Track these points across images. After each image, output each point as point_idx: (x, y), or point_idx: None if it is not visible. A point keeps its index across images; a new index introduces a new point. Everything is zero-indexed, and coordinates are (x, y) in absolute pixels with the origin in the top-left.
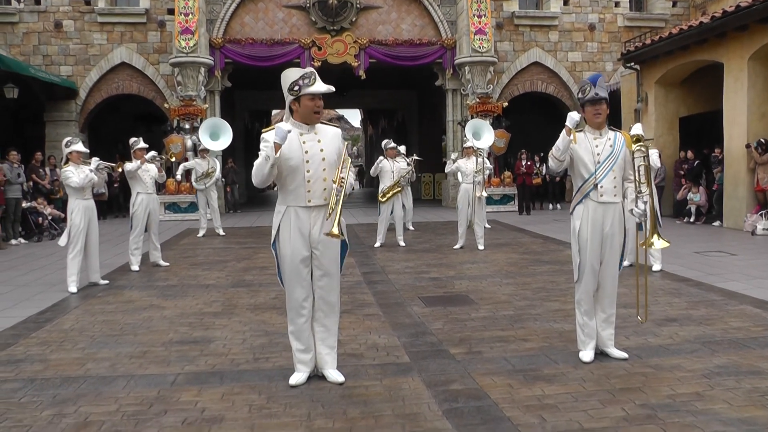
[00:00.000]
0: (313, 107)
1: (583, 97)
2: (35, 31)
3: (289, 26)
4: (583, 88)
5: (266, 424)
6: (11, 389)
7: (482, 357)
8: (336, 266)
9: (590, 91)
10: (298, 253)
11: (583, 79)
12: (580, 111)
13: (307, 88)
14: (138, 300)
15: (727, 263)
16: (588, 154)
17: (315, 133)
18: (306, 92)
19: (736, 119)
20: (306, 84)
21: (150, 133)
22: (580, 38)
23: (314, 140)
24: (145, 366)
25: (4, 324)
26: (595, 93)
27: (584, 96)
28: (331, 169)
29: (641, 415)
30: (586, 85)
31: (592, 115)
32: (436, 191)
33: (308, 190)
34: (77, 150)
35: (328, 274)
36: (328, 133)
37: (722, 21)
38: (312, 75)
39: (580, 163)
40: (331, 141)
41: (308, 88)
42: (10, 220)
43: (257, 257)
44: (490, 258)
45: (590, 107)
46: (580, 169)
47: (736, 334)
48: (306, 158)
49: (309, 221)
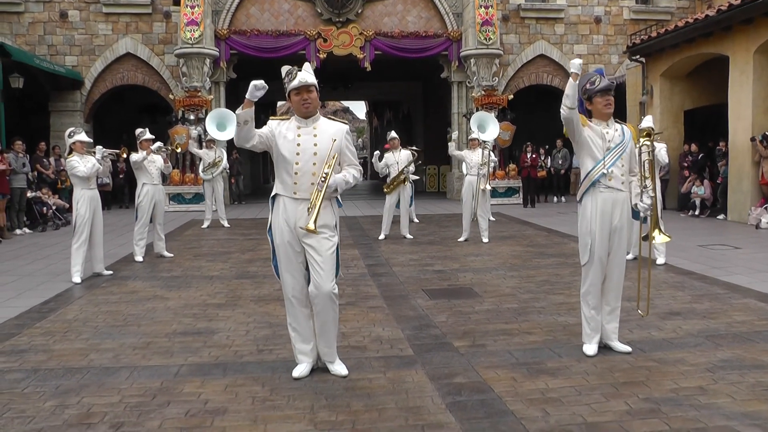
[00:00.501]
0: (300, 101)
1: (592, 88)
2: (41, 21)
3: (294, 18)
4: (591, 80)
5: (269, 416)
6: (15, 379)
7: (486, 350)
8: (328, 258)
9: (600, 81)
10: (288, 242)
11: (588, 72)
12: (587, 104)
13: (290, 83)
14: (142, 291)
15: (731, 257)
16: (599, 138)
17: (313, 128)
18: (289, 88)
19: (742, 112)
20: (288, 80)
21: (155, 124)
22: (585, 31)
23: (310, 134)
24: (149, 357)
25: (8, 314)
26: (610, 81)
27: (594, 87)
28: (324, 164)
29: (644, 409)
30: (594, 77)
31: (603, 105)
32: (440, 183)
33: (295, 182)
34: (80, 140)
35: (320, 266)
36: (330, 129)
37: (728, 14)
38: (292, 71)
39: (591, 143)
40: (329, 137)
41: (291, 83)
42: (14, 209)
43: (261, 248)
44: (495, 251)
45: (601, 98)
46: (590, 152)
47: (740, 327)
48: (297, 151)
49: (296, 213)
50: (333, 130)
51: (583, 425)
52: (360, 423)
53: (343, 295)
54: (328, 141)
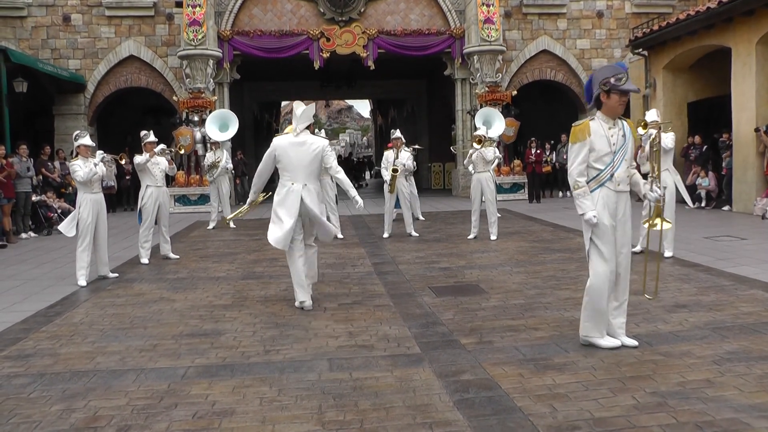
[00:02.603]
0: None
1: (617, 84)
2: (44, 25)
3: (297, 17)
4: (618, 76)
5: (277, 416)
6: (21, 384)
7: (493, 347)
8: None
9: (626, 81)
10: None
11: (614, 64)
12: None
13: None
14: (148, 293)
15: (737, 248)
16: (605, 145)
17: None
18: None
19: (745, 104)
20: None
21: (159, 126)
22: (588, 25)
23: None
24: (156, 359)
25: (15, 318)
26: (635, 88)
27: (619, 84)
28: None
29: (652, 403)
30: (621, 74)
31: (619, 104)
32: (446, 181)
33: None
34: (84, 144)
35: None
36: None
37: (729, 6)
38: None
39: (597, 155)
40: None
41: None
42: (20, 213)
43: (267, 249)
44: (501, 247)
45: (619, 97)
46: (597, 161)
47: (747, 319)
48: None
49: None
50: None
51: (590, 420)
52: (368, 422)
53: (350, 293)
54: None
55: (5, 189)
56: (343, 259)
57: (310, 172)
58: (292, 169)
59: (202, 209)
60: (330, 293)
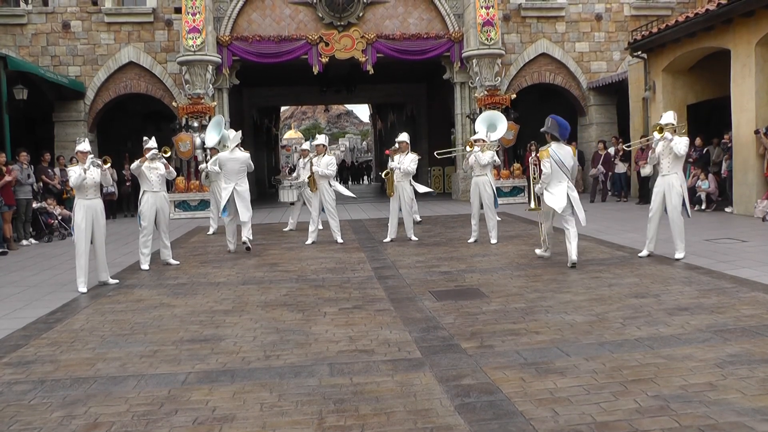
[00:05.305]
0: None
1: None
2: (43, 32)
3: (296, 22)
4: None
5: (278, 422)
6: (21, 391)
7: (494, 351)
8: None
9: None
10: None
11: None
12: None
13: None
14: (148, 299)
15: (738, 250)
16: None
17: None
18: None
19: (745, 105)
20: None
21: (159, 132)
22: (587, 28)
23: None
24: (156, 365)
25: (15, 325)
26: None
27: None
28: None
29: (654, 406)
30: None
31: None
32: (446, 185)
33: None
34: (80, 150)
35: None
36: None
37: (729, 7)
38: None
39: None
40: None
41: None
42: (21, 220)
43: (267, 254)
44: (501, 250)
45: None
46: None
47: (749, 321)
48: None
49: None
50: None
51: (592, 425)
52: (369, 427)
53: (350, 298)
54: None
55: (6, 196)
56: (344, 263)
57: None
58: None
59: (202, 215)
60: (330, 298)
